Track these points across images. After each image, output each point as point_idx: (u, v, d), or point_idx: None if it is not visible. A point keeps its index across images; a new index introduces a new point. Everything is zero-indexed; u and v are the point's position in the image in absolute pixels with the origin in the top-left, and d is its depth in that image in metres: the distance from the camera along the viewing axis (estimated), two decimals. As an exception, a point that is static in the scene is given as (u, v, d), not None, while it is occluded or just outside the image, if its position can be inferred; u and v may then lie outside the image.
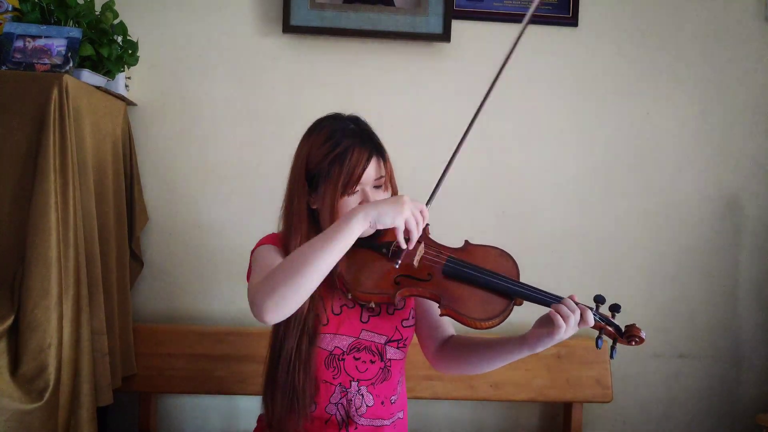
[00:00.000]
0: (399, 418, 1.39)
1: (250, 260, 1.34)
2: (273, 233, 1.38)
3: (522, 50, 2.10)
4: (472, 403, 2.15)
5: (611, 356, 1.23)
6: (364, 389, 1.32)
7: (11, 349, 1.39)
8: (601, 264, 2.17)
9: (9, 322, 1.40)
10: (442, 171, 1.29)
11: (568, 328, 1.18)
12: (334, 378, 1.31)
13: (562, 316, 1.18)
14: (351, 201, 1.27)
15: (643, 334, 1.21)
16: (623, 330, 1.23)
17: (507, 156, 2.14)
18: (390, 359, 1.36)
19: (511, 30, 2.12)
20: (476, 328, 1.22)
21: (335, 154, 1.26)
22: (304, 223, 1.30)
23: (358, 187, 1.27)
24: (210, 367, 1.94)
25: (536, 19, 2.11)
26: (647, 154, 2.17)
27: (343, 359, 1.32)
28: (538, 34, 2.12)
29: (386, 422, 1.34)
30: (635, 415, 2.20)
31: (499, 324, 1.23)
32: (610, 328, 1.22)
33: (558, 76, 2.14)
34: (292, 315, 1.23)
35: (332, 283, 1.33)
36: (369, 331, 1.34)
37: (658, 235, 2.18)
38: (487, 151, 2.13)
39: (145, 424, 1.99)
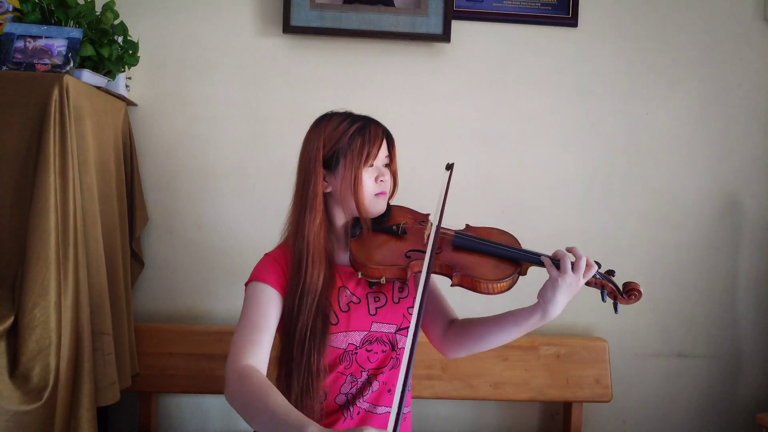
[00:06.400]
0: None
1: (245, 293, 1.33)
2: (268, 253, 1.37)
3: (522, 50, 2.14)
4: (472, 402, 2.16)
5: (615, 311, 1.31)
6: (372, 376, 1.35)
7: (11, 349, 1.39)
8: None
9: (9, 322, 1.40)
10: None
11: (563, 274, 1.24)
12: (345, 369, 1.33)
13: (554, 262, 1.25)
14: (368, 175, 1.33)
15: (641, 288, 1.29)
16: (622, 287, 1.31)
17: (507, 156, 2.14)
18: (401, 348, 1.37)
19: (511, 30, 2.13)
20: (488, 291, 1.27)
21: (355, 129, 1.33)
22: (321, 204, 1.33)
23: (373, 162, 1.33)
24: (210, 366, 1.95)
25: (536, 19, 2.12)
26: (647, 154, 2.17)
27: (356, 353, 1.33)
28: (538, 34, 2.13)
29: (389, 410, 1.35)
30: (635, 414, 2.20)
31: (509, 288, 1.29)
32: (611, 285, 1.30)
33: (558, 76, 2.14)
34: (301, 316, 1.27)
35: (334, 281, 1.33)
36: (379, 322, 1.35)
37: (657, 235, 2.18)
38: (486, 151, 2.14)
39: (145, 423, 2.00)
